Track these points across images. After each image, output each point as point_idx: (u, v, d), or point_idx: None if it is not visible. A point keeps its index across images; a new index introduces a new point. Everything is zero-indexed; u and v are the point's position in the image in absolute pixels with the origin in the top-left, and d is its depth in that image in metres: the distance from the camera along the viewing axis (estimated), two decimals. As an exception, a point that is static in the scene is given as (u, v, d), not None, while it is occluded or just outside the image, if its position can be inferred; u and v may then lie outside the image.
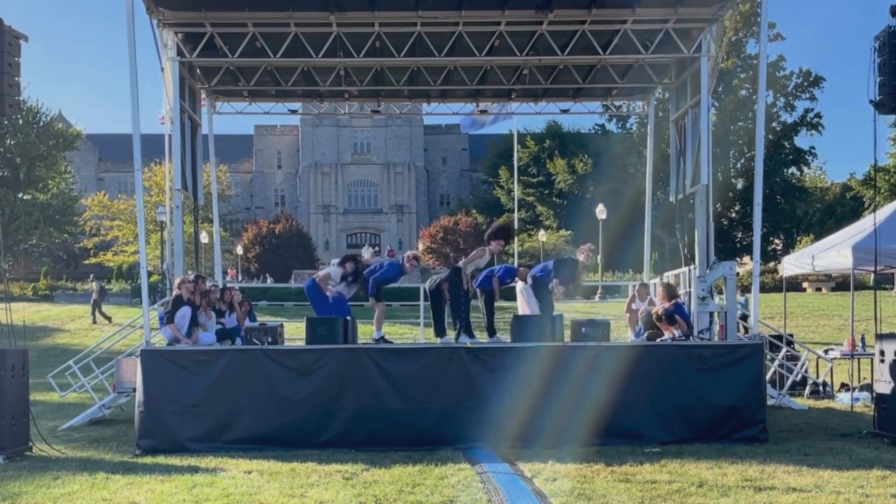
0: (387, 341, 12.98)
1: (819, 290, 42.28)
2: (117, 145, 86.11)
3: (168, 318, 12.30)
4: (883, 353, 11.00)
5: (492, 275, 13.00)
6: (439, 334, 12.80)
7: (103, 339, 20.71)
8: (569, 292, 13.40)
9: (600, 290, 34.98)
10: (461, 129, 32.67)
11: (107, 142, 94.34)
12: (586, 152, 71.44)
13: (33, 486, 8.78)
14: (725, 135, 59.30)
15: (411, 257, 13.03)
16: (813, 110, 64.68)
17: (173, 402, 11.21)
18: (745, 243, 61.40)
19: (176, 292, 12.39)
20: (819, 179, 78.31)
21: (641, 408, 11.21)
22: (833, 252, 16.13)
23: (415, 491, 8.36)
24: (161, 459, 10.35)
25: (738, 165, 63.75)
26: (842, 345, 18.15)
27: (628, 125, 68.15)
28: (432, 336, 13.42)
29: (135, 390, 11.80)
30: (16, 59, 10.83)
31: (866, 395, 14.62)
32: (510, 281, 13.54)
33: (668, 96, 16.69)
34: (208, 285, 13.56)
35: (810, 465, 9.40)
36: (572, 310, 21.20)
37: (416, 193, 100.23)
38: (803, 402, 15.42)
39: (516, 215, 55.51)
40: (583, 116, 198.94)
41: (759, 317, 13.54)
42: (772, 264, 44.77)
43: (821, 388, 16.46)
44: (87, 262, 67.85)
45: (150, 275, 14.88)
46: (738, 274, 14.16)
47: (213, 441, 11.01)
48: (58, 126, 53.34)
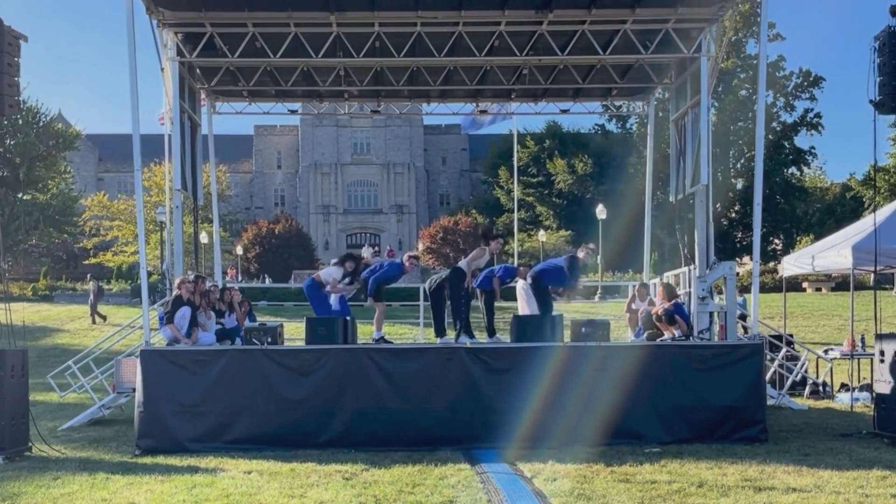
0: (387, 341, 12.99)
1: (819, 290, 42.27)
2: (117, 145, 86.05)
3: (168, 319, 12.30)
4: (883, 353, 11.01)
5: (491, 275, 13.00)
6: (439, 334, 12.81)
7: (103, 339, 20.70)
8: (572, 294, 13.44)
9: (600, 291, 34.99)
10: (461, 131, 32.74)
11: (106, 142, 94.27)
12: (586, 152, 71.47)
13: (33, 487, 8.77)
14: (725, 135, 59.25)
15: (411, 256, 13.11)
16: (813, 110, 64.62)
17: (173, 403, 11.21)
18: (744, 243, 61.36)
19: (176, 292, 12.39)
20: (819, 179, 78.27)
21: (641, 408, 11.21)
22: (833, 252, 16.12)
23: (414, 491, 8.36)
24: (161, 459, 10.35)
25: (738, 165, 63.72)
26: (842, 345, 18.15)
27: (628, 125, 68.11)
28: (432, 336, 13.42)
29: (134, 390, 11.80)
30: (15, 59, 10.84)
31: (866, 395, 14.62)
32: (510, 280, 13.56)
33: (668, 96, 16.69)
34: (208, 285, 13.57)
35: (810, 465, 9.40)
36: (572, 310, 21.16)
37: (415, 193, 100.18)
38: (803, 402, 15.42)
39: (516, 215, 55.47)
40: (583, 116, 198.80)
41: (759, 317, 13.54)
42: (772, 264, 44.76)
43: (821, 388, 16.47)
44: (86, 262, 67.79)
45: (149, 275, 14.85)
46: (738, 274, 14.16)
47: (212, 441, 11.01)
48: (57, 126, 53.28)
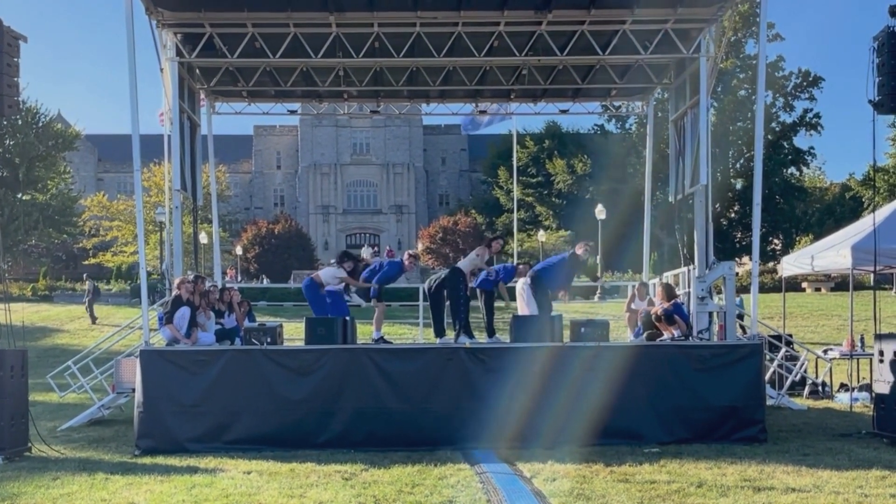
0: (386, 341, 13.01)
1: (818, 290, 42.30)
2: (116, 146, 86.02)
3: (167, 319, 12.30)
4: (882, 354, 11.01)
5: (491, 276, 13.02)
6: (439, 334, 12.82)
7: (102, 339, 20.71)
8: (571, 292, 13.46)
9: (600, 291, 34.97)
10: (461, 132, 32.73)
11: (106, 142, 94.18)
12: (585, 152, 71.42)
13: (32, 487, 8.77)
14: (724, 135, 59.28)
15: (411, 255, 13.15)
16: (812, 110, 64.64)
17: (172, 403, 11.21)
18: (744, 243, 61.39)
19: (175, 292, 12.39)
20: (818, 179, 78.27)
21: (640, 408, 11.21)
22: (832, 252, 16.12)
23: (414, 491, 8.36)
24: (160, 460, 10.34)
25: (738, 165, 63.72)
26: (841, 345, 18.16)
27: (627, 125, 68.04)
28: (432, 336, 13.43)
29: (134, 391, 11.80)
30: (15, 59, 10.84)
31: (865, 395, 14.62)
32: (510, 281, 13.58)
33: (668, 96, 16.70)
34: (207, 285, 13.57)
35: (809, 465, 9.40)
36: (571, 310, 21.19)
37: (415, 194, 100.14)
38: (802, 402, 15.43)
39: (515, 215, 55.49)
40: (582, 117, 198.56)
41: (759, 317, 13.54)
42: (771, 264, 44.80)
43: (820, 388, 16.48)
44: (86, 262, 67.78)
45: (149, 275, 14.85)
46: (737, 274, 14.17)
47: (212, 441, 11.01)
48: (57, 126, 53.23)
